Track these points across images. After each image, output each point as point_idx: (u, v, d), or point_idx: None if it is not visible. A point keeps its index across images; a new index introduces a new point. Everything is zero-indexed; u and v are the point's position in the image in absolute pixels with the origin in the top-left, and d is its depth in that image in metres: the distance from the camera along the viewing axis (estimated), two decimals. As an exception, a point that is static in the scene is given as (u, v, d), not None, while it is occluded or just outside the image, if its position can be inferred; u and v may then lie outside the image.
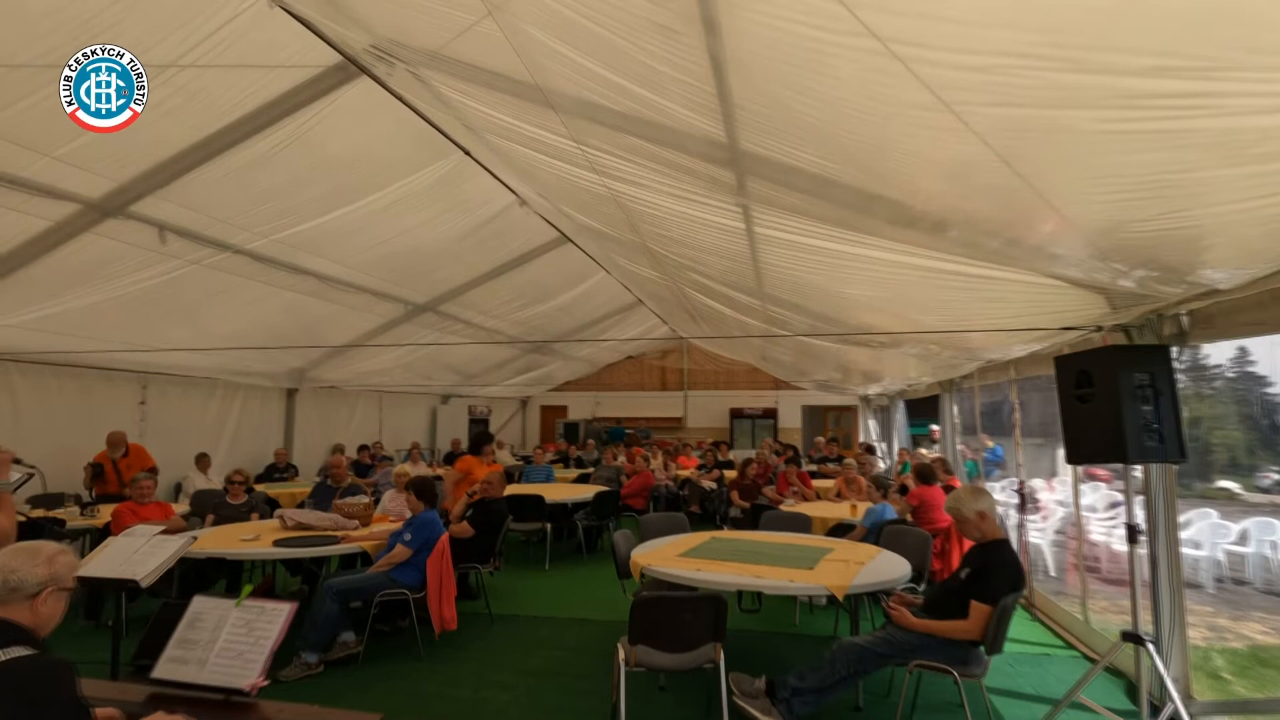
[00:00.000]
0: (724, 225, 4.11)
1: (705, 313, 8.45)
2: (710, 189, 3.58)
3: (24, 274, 5.32)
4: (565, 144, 3.80)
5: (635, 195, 4.28)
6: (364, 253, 7.01)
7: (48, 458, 6.62)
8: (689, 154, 3.20)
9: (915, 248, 3.22)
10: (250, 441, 9.27)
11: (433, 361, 11.25)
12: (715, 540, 4.65)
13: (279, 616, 2.21)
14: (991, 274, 3.19)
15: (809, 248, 3.83)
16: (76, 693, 1.55)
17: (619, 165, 3.75)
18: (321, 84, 4.62)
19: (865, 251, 3.55)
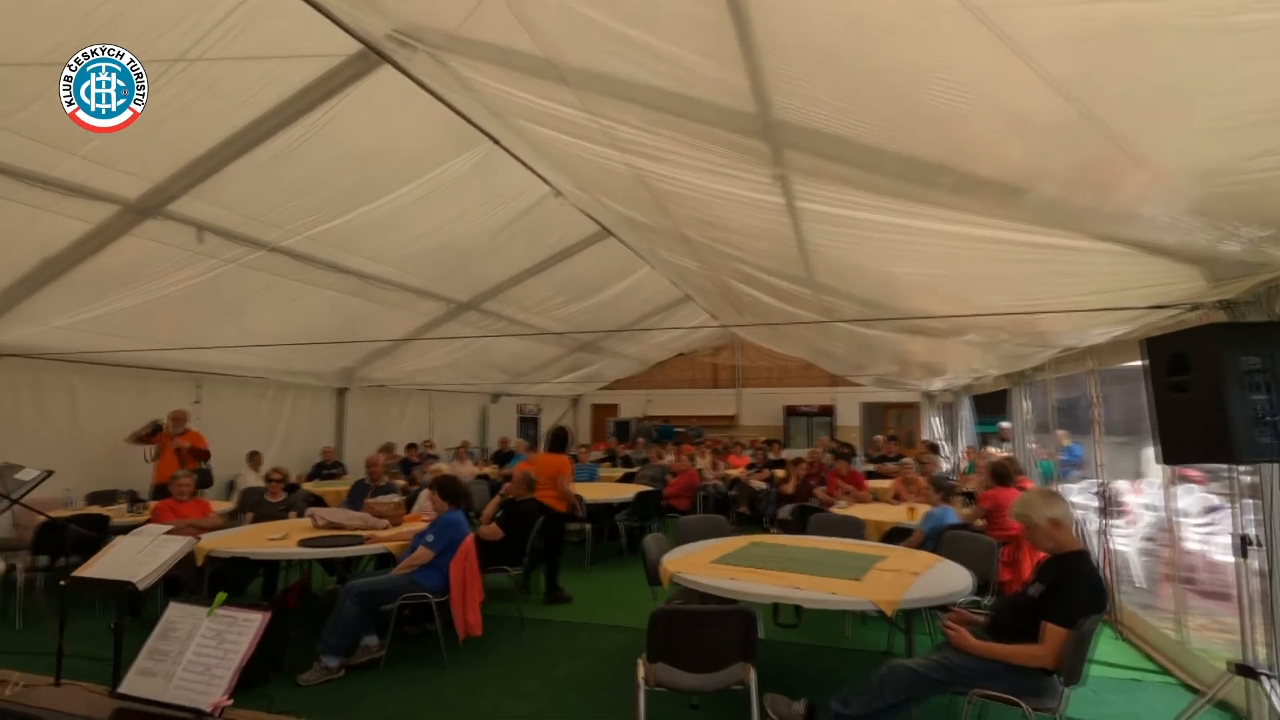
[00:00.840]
0: (761, 201, 3.75)
1: (751, 305, 8.08)
2: (742, 160, 3.25)
3: (72, 276, 5.45)
4: (584, 119, 3.54)
5: (661, 173, 3.98)
6: (401, 249, 6.97)
7: (105, 455, 6.85)
8: (721, 126, 2.90)
9: (978, 216, 2.80)
10: (302, 440, 9.43)
11: (479, 360, 11.24)
12: (755, 545, 4.31)
13: (250, 627, 2.03)
14: (1066, 243, 2.75)
15: (857, 222, 3.43)
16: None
17: (640, 138, 3.47)
18: (344, 73, 4.51)
19: (921, 224, 3.13)
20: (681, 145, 3.27)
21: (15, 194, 4.40)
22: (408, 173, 5.66)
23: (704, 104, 2.75)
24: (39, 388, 6.42)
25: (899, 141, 2.40)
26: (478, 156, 5.67)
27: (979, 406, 10.30)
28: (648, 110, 3.05)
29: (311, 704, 3.63)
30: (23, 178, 4.34)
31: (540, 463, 5.98)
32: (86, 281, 5.55)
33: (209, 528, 5.07)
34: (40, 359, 6.20)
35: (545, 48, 2.84)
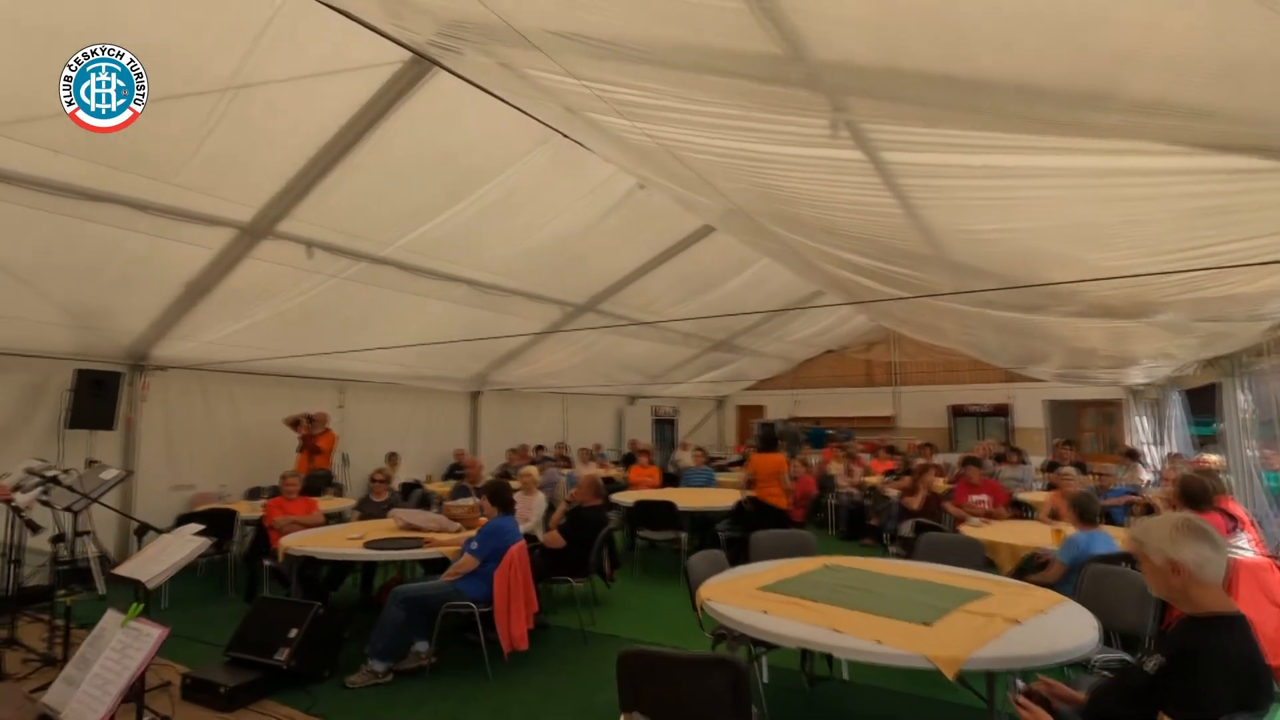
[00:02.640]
0: (835, 160, 3.11)
1: (879, 300, 7.13)
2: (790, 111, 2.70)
3: (213, 296, 6.09)
4: (623, 93, 3.16)
5: (697, 141, 3.50)
6: (505, 255, 7.04)
7: (262, 454, 7.66)
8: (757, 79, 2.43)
9: (1135, 141, 1.99)
10: (440, 442, 10.00)
11: (610, 362, 11.24)
12: (825, 570, 3.65)
13: (148, 644, 1.94)
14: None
15: (971, 170, 2.68)
16: None
17: (659, 102, 3.03)
18: (403, 80, 4.56)
19: (1054, 161, 2.34)
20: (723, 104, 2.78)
21: (135, 223, 4.95)
22: (486, 173, 5.66)
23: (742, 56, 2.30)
24: (207, 396, 7.35)
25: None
26: (549, 151, 5.53)
27: (1193, 403, 8.31)
28: (671, 71, 2.64)
29: (351, 706, 3.64)
30: (144, 208, 4.88)
31: (760, 462, 6.38)
32: (225, 300, 6.21)
33: (311, 525, 5.41)
34: (204, 370, 7.09)
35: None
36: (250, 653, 3.85)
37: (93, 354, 6.34)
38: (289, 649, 3.78)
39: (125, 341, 6.48)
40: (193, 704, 3.62)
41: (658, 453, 13.13)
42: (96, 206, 4.70)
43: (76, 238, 4.93)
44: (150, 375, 6.77)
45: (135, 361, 6.67)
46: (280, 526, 5.25)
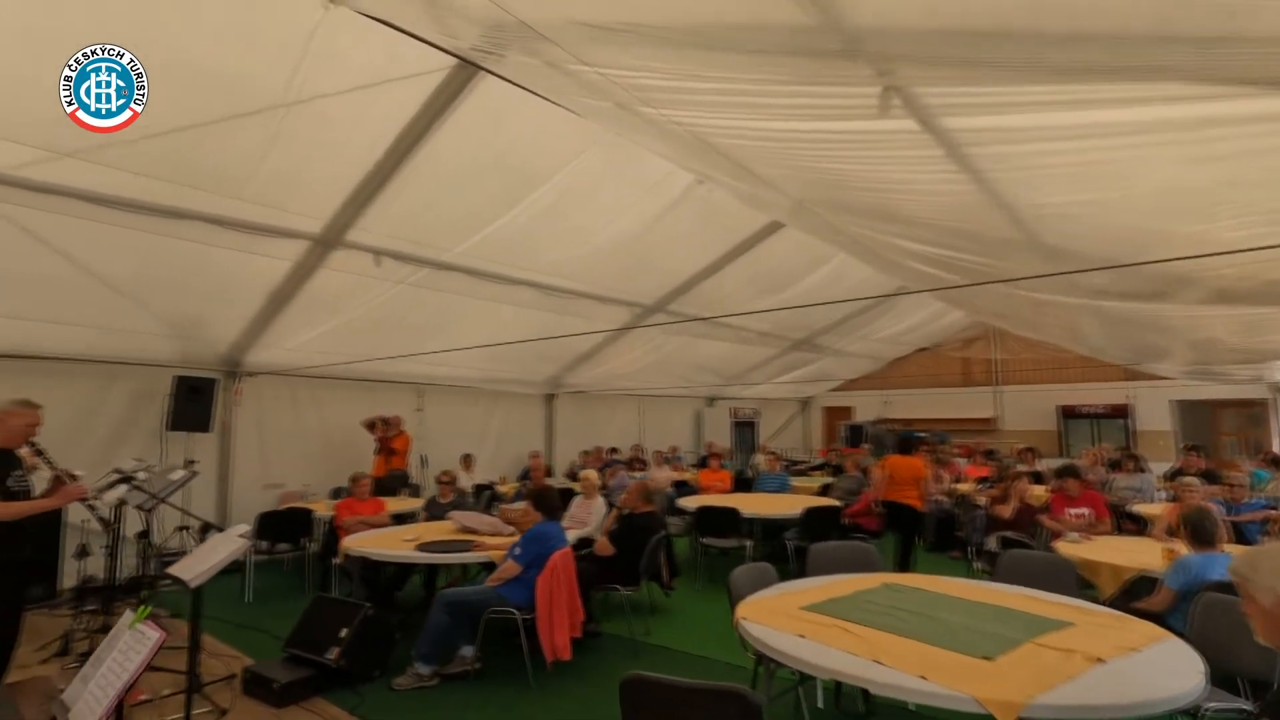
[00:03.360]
0: (888, 134, 2.82)
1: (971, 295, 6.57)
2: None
3: (293, 305, 6.41)
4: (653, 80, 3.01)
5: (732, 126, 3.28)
6: (568, 258, 7.02)
7: (346, 455, 8.01)
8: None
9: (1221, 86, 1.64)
10: (515, 444, 10.14)
11: (682, 362, 11.05)
12: (884, 590, 3.31)
13: (146, 647, 1.96)
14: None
15: (1042, 132, 2.32)
16: None
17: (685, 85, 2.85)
18: (452, 86, 4.58)
19: (1134, 115, 1.98)
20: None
21: (218, 239, 5.24)
22: (540, 175, 5.64)
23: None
24: (295, 400, 7.77)
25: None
26: (603, 150, 5.43)
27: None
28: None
29: (395, 708, 3.66)
30: (223, 224, 5.16)
31: (897, 465, 6.24)
32: (304, 308, 6.52)
33: (377, 525, 5.56)
34: (291, 375, 7.49)
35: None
36: (305, 650, 3.95)
37: (192, 362, 6.82)
38: (339, 648, 3.85)
39: (220, 349, 6.94)
40: (251, 698, 3.75)
41: (737, 456, 12.80)
42: (179, 224, 5.01)
43: (167, 254, 5.28)
44: (242, 381, 7.23)
45: (229, 368, 7.12)
46: (348, 526, 5.43)
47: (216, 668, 4.17)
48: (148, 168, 4.47)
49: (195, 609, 3.24)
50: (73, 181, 4.41)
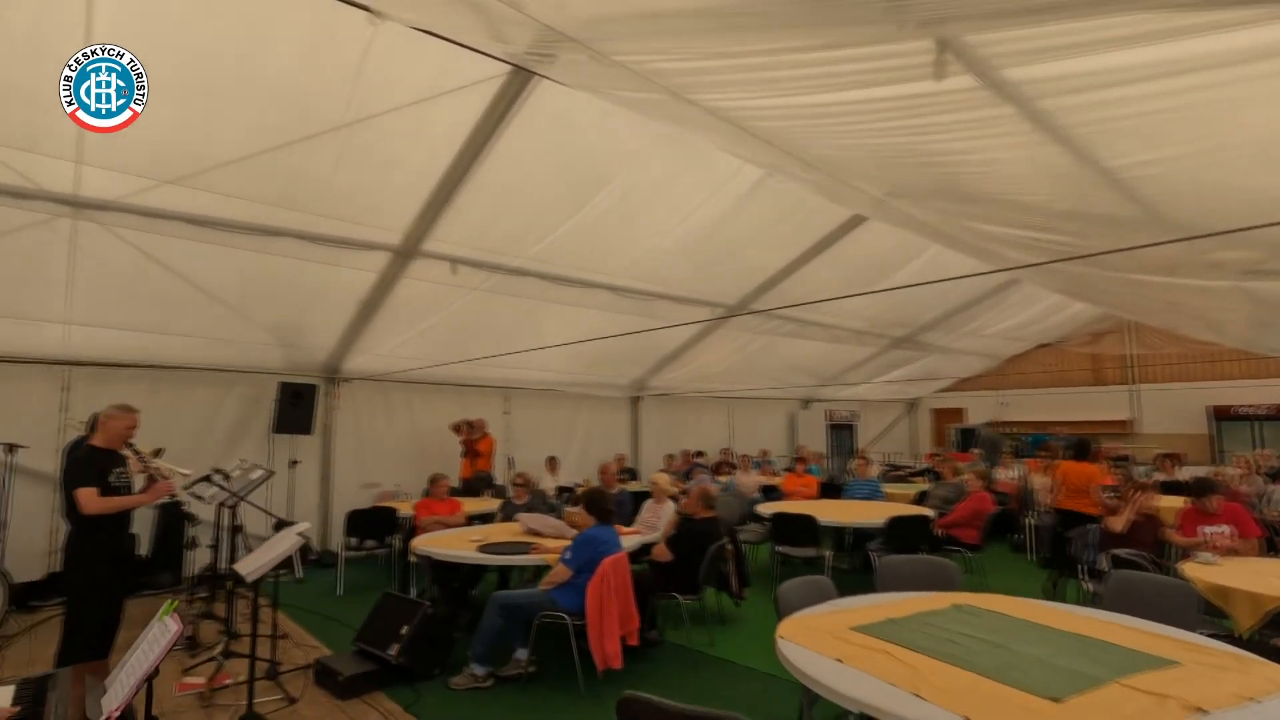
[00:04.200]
0: (946, 96, 2.55)
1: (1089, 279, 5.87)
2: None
3: (380, 314, 6.75)
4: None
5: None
6: (639, 255, 6.95)
7: (436, 456, 8.33)
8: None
9: None
10: (601, 446, 10.19)
11: (771, 363, 10.69)
12: (952, 612, 2.96)
13: (164, 639, 2.05)
14: None
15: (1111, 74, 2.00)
16: None
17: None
18: (510, 91, 4.63)
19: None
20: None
21: (309, 253, 5.59)
22: (605, 175, 5.60)
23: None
24: (388, 404, 8.19)
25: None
26: (667, 146, 5.32)
27: None
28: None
29: (448, 707, 3.69)
30: (309, 239, 5.49)
31: (1070, 471, 6.03)
32: (391, 317, 6.85)
33: (453, 525, 5.72)
34: (383, 380, 7.90)
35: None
36: (371, 645, 4.09)
37: (297, 369, 7.35)
38: (399, 645, 3.96)
39: (320, 357, 7.43)
40: (321, 688, 3.93)
41: (834, 461, 12.23)
42: (272, 240, 5.37)
43: (264, 269, 5.69)
44: (340, 386, 7.70)
45: (328, 374, 7.61)
46: (425, 526, 5.61)
47: (298, 657, 4.42)
48: (238, 189, 4.82)
49: (255, 601, 3.43)
50: (175, 206, 4.83)
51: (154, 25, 3.63)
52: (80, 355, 6.13)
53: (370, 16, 3.66)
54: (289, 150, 4.56)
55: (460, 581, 5.34)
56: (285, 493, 7.17)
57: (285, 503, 7.14)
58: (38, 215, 4.62)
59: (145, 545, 6.27)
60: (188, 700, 3.75)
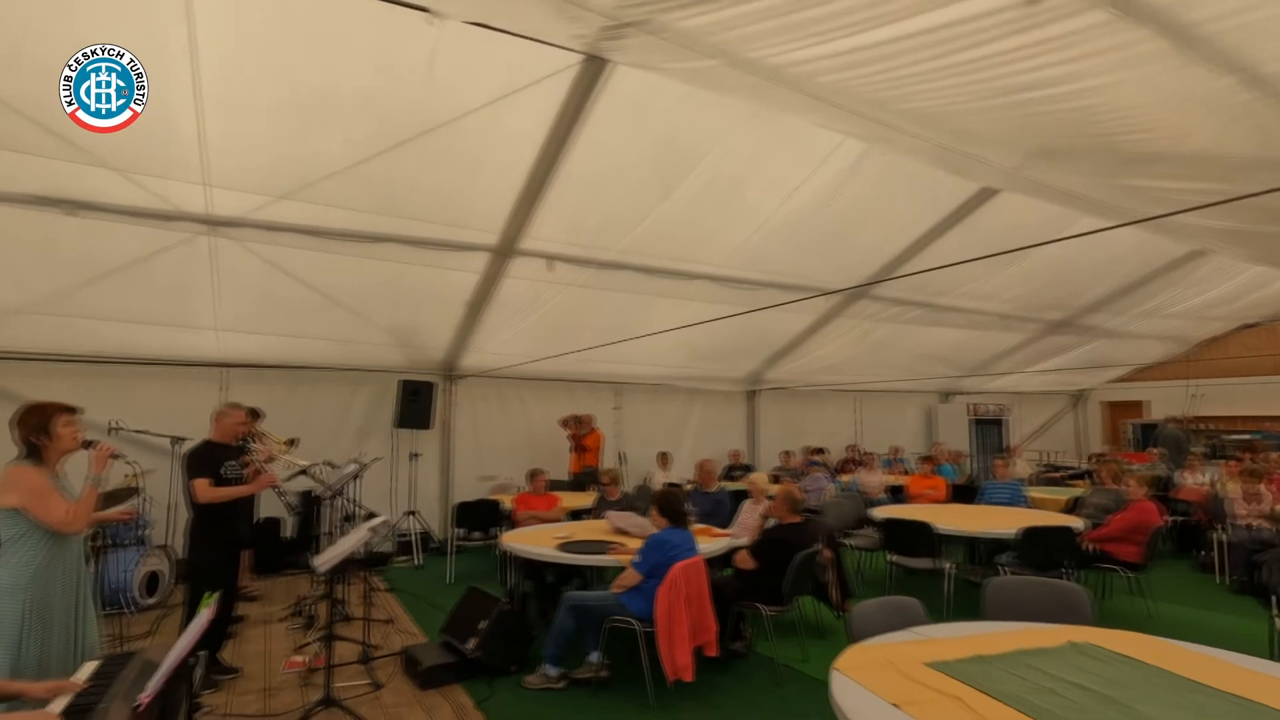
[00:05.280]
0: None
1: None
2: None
3: (487, 312, 6.97)
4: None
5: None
6: (738, 241, 6.62)
7: (548, 450, 8.51)
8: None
9: None
10: (715, 442, 9.92)
11: (899, 352, 9.85)
12: (1066, 650, 2.43)
13: (194, 631, 2.13)
14: None
15: None
16: None
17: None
18: (585, 80, 4.53)
19: None
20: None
21: (414, 257, 5.85)
22: (692, 159, 5.35)
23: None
24: (502, 399, 8.47)
25: None
26: (757, 123, 4.98)
27: None
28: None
29: (517, 706, 3.67)
30: (412, 243, 5.74)
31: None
32: (498, 315, 7.05)
33: (550, 520, 5.76)
34: (496, 377, 8.17)
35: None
36: (454, 637, 4.18)
37: (417, 367, 7.79)
38: (477, 639, 4.00)
39: (437, 356, 7.82)
40: (406, 676, 4.06)
41: (978, 460, 11.07)
42: (376, 246, 5.67)
43: (376, 274, 6.03)
44: (456, 383, 8.06)
45: (445, 372, 7.99)
46: (522, 520, 5.69)
47: (398, 643, 4.61)
48: (341, 200, 5.12)
49: (330, 592, 3.59)
50: (290, 219, 5.22)
51: (250, 55, 3.89)
52: (232, 358, 6.87)
53: (428, 17, 3.69)
54: (378, 160, 4.75)
55: (555, 578, 5.35)
56: (407, 484, 7.63)
57: (407, 493, 7.59)
58: (181, 234, 5.18)
59: (289, 529, 6.95)
60: (291, 678, 4.03)
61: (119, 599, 5.18)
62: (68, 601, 2.82)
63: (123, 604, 5.18)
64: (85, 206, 4.69)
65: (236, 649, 4.50)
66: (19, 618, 2.66)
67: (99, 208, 4.71)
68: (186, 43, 3.74)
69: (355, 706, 3.52)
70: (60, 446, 2.86)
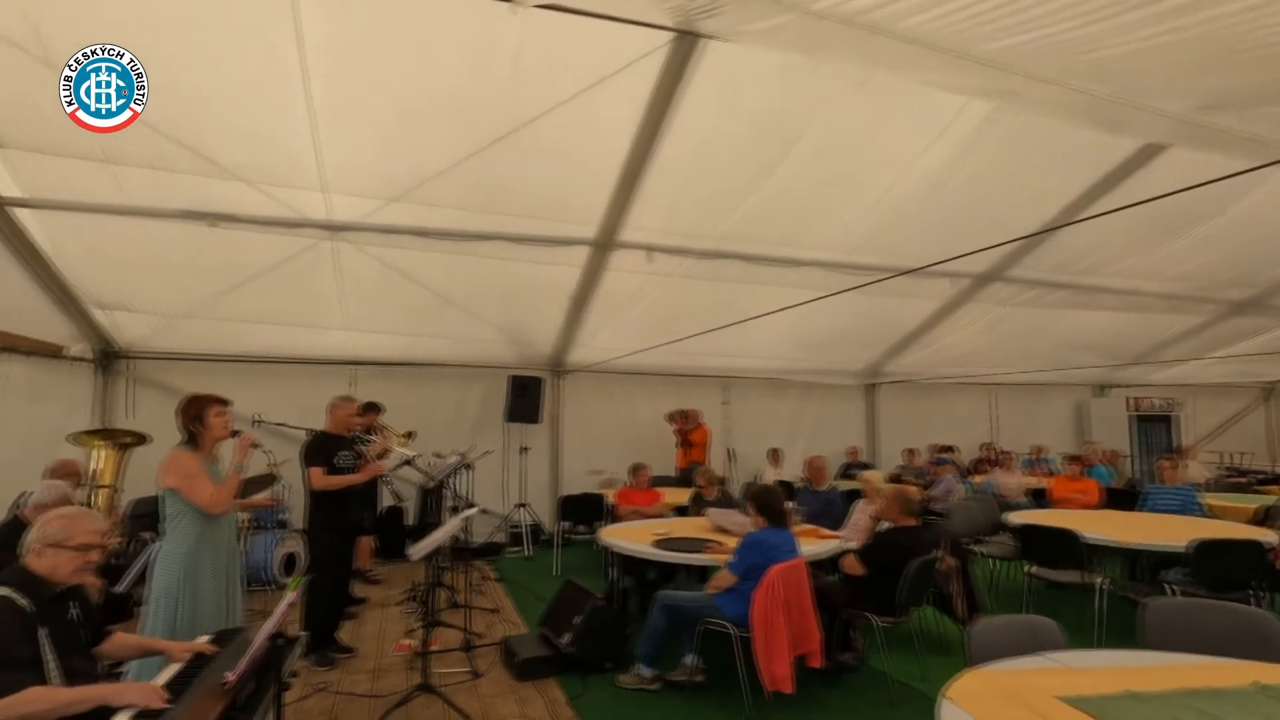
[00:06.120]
0: None
1: None
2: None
3: (591, 309, 7.00)
4: None
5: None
6: (850, 222, 6.18)
7: (655, 446, 8.43)
8: None
9: None
10: (832, 439, 9.42)
11: (1042, 340, 8.84)
12: (1255, 694, 1.96)
13: (277, 614, 2.18)
14: None
15: None
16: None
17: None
18: (676, 60, 4.35)
19: None
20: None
21: (517, 254, 5.94)
22: (794, 131, 5.01)
23: None
24: (609, 394, 8.48)
25: None
26: (868, 91, 4.59)
27: None
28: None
29: (608, 705, 3.58)
30: (517, 240, 5.83)
31: None
32: (601, 309, 7.04)
33: (651, 515, 5.65)
34: (602, 372, 8.18)
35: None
36: (550, 631, 4.17)
37: (527, 363, 7.96)
38: (571, 634, 3.95)
39: (545, 351, 7.95)
40: (504, 666, 4.10)
41: (1141, 461, 9.76)
42: (481, 244, 5.80)
43: (483, 272, 6.19)
44: (564, 378, 8.16)
45: (553, 367, 8.12)
46: (624, 515, 5.62)
47: (501, 632, 4.68)
48: (445, 200, 5.26)
49: (428, 580, 3.66)
50: (401, 221, 5.45)
51: (353, 64, 4.05)
52: (359, 355, 7.34)
53: (511, 6, 3.67)
54: (476, 159, 4.81)
55: (658, 575, 5.23)
56: (518, 477, 7.82)
57: (518, 485, 7.78)
58: (306, 240, 5.55)
59: (411, 517, 7.33)
60: (399, 660, 4.18)
61: (261, 576, 5.65)
62: (218, 575, 3.11)
63: (264, 581, 5.65)
64: (224, 218, 5.12)
65: (355, 630, 4.75)
66: (176, 585, 2.95)
67: (236, 218, 5.14)
68: (298, 62, 3.96)
69: (453, 694, 3.57)
70: (212, 434, 3.17)
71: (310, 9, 3.60)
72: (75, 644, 2.13)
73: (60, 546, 2.09)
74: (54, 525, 2.10)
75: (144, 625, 3.00)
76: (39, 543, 2.08)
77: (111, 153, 4.40)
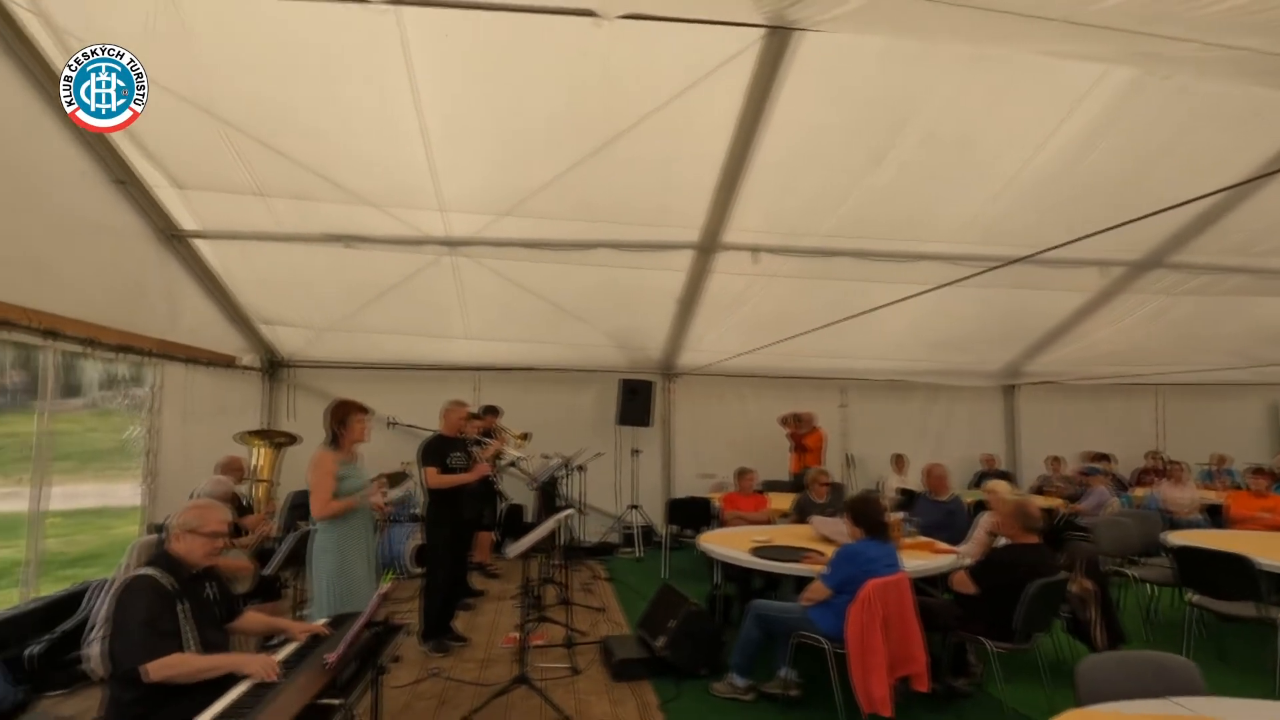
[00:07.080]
0: None
1: None
2: None
3: (698, 311, 7.00)
4: None
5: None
6: (973, 210, 5.71)
7: (768, 449, 8.25)
8: None
9: None
10: (963, 444, 8.76)
11: (1217, 332, 7.66)
12: None
13: (371, 605, 2.36)
14: None
15: None
16: (140, 605, 2.21)
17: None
18: (770, 55, 4.28)
19: None
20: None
21: (621, 260, 6.06)
22: (901, 115, 4.72)
23: None
24: (721, 397, 8.41)
25: None
26: (986, 66, 4.25)
27: None
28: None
29: (699, 711, 3.55)
30: (620, 247, 5.94)
31: None
32: (709, 312, 7.02)
33: (757, 521, 5.54)
34: (713, 375, 8.12)
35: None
36: (647, 633, 4.20)
37: (638, 367, 8.08)
38: (666, 638, 3.96)
39: (655, 355, 8.04)
40: (603, 665, 4.18)
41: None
42: (588, 253, 5.98)
43: (591, 280, 6.38)
44: (674, 381, 8.20)
45: (664, 371, 8.18)
46: (729, 520, 5.56)
47: (604, 631, 4.79)
48: (551, 211, 5.47)
49: (526, 577, 3.81)
50: (512, 234, 5.74)
51: (458, 92, 4.33)
52: (481, 362, 7.80)
53: (595, 20, 3.75)
54: (577, 170, 4.97)
55: (763, 583, 5.13)
56: (630, 479, 7.95)
57: (630, 487, 7.91)
58: (428, 256, 5.99)
59: (530, 514, 7.67)
60: (506, 652, 4.39)
61: (394, 566, 6.16)
62: (365, 564, 3.49)
63: (397, 570, 6.15)
64: (358, 239, 5.65)
65: (471, 620, 5.05)
66: (333, 572, 3.35)
67: (367, 239, 5.65)
68: (411, 98, 4.28)
69: (551, 689, 3.70)
70: (351, 437, 3.58)
71: (418, 49, 3.90)
72: (210, 619, 2.44)
73: (194, 533, 2.40)
74: (190, 514, 2.43)
75: (312, 605, 3.48)
76: (178, 529, 2.41)
77: (264, 185, 5.01)
